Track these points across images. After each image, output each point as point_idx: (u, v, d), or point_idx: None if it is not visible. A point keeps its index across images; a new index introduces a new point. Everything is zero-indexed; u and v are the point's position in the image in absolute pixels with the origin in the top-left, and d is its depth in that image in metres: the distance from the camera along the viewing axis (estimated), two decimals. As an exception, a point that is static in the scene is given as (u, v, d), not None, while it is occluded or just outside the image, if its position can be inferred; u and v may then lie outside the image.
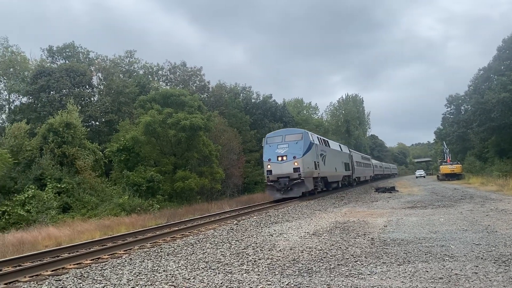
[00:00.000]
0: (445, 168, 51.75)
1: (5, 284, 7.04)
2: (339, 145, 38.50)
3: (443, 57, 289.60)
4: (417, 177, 77.27)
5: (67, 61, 47.04)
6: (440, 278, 6.03)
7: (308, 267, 7.18)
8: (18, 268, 8.27)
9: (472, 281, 5.79)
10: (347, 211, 17.01)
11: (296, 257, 8.06)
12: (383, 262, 7.25)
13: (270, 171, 24.36)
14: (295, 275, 6.65)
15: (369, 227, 11.83)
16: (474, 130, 52.03)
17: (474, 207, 15.93)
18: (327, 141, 32.70)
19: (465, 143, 59.57)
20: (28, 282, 7.10)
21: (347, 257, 7.85)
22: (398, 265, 7.02)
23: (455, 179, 48.14)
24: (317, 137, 29.02)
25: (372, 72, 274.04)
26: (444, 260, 7.22)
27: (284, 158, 24.09)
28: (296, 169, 23.69)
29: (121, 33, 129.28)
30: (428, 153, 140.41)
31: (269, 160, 24.59)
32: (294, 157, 23.87)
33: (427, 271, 6.45)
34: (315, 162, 25.77)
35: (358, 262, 7.34)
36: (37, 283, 7.02)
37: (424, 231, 10.64)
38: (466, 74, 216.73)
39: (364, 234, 10.47)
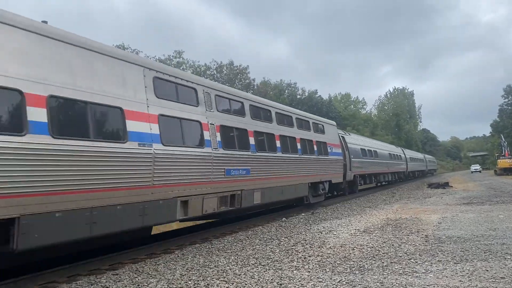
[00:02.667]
0: (503, 162, 49.41)
1: (67, 277, 7.43)
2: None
3: (504, 42, 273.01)
4: (472, 172, 74.04)
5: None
6: (501, 277, 5.73)
7: (360, 264, 7.06)
8: (78, 263, 8.69)
9: (537, 282, 5.46)
10: (398, 207, 16.55)
11: (347, 255, 7.95)
12: (438, 260, 7.00)
13: None
14: (346, 273, 6.56)
15: (422, 224, 11.44)
16: (535, 121, 49.12)
17: (537, 203, 15.03)
18: None
19: (525, 136, 56.36)
20: (87, 276, 7.46)
21: (400, 254, 7.64)
22: (455, 263, 6.74)
23: (514, 173, 45.81)
24: None
25: (424, 62, 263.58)
26: (505, 258, 6.86)
27: None
28: None
29: (165, 29, 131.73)
30: (483, 147, 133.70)
31: None
32: None
33: (487, 270, 6.15)
34: None
35: (412, 260, 7.12)
36: (96, 276, 7.37)
37: (482, 228, 10.16)
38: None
39: (418, 231, 10.14)
